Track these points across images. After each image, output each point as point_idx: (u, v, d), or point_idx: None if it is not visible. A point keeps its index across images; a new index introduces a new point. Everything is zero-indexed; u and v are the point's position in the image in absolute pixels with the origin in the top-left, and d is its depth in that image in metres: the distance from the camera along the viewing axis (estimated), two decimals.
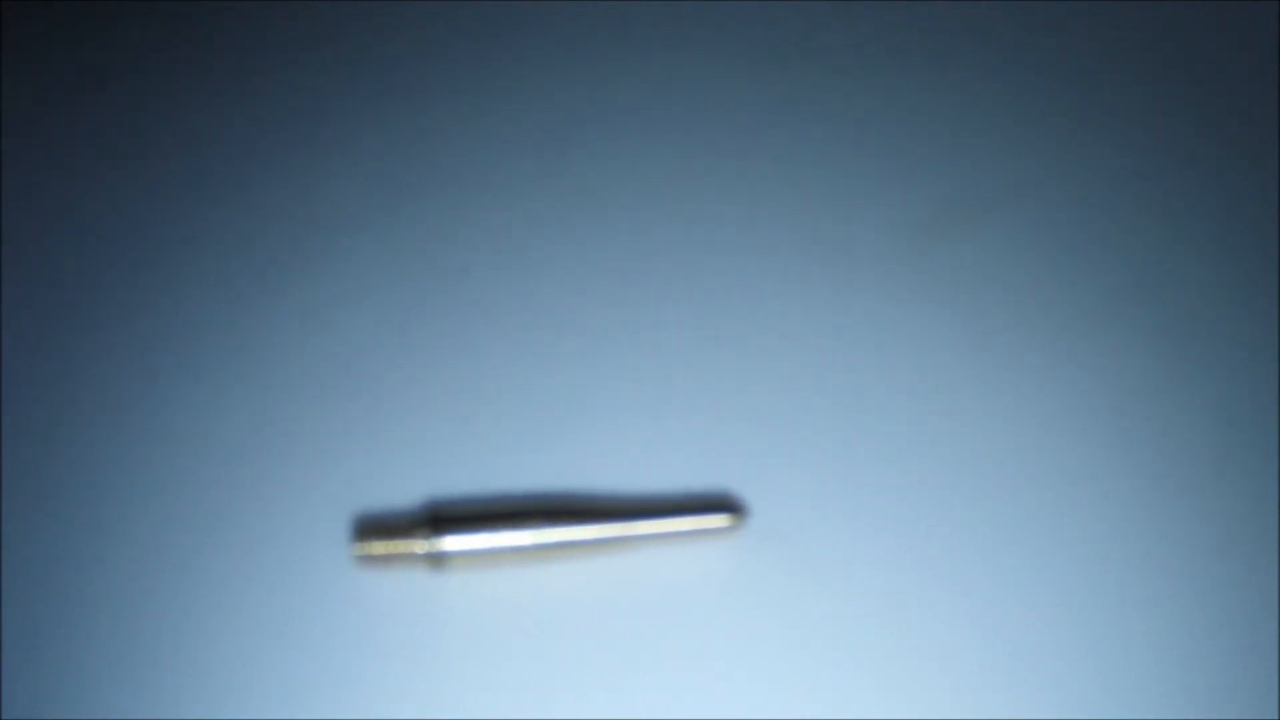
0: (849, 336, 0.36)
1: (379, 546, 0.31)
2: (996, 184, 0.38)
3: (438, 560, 0.31)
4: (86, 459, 0.33)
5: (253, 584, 0.32)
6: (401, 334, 0.35)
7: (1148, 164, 0.39)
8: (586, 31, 0.41)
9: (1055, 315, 0.36)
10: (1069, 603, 0.32)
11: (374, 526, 0.32)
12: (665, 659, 0.31)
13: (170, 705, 0.30)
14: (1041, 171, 0.39)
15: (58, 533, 0.32)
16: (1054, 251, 0.37)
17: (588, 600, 0.32)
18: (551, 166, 0.38)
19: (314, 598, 0.32)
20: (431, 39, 0.41)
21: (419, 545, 0.31)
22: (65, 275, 0.36)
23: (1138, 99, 0.40)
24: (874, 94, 0.40)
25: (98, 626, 0.31)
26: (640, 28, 0.41)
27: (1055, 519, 0.33)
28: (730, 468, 0.33)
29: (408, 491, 0.33)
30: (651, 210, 0.38)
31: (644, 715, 0.30)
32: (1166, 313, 0.36)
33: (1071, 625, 0.32)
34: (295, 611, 0.31)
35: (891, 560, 0.32)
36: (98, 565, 0.32)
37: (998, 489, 0.34)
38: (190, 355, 0.35)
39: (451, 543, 0.31)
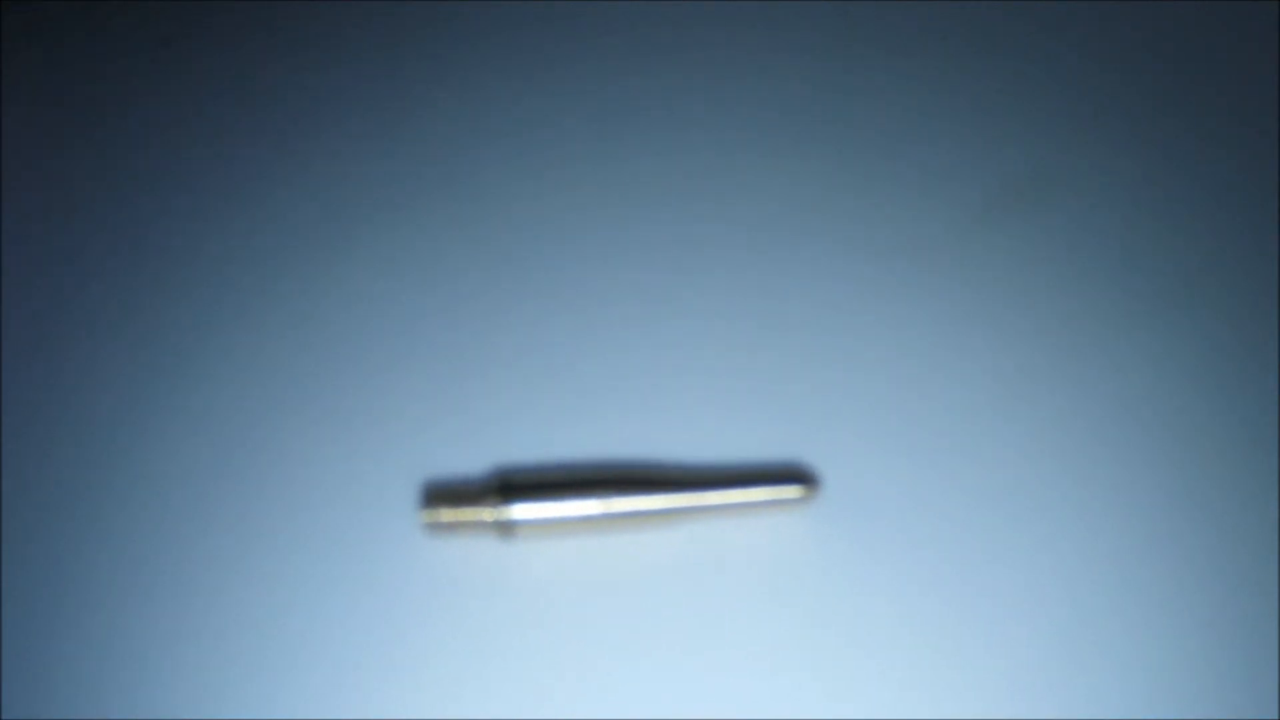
0: (921, 312, 0.35)
1: (448, 514, 0.31)
2: (1058, 168, 0.38)
3: (506, 529, 0.31)
4: (157, 424, 0.34)
5: (322, 550, 0.32)
6: (472, 301, 0.35)
7: (1208, 153, 0.38)
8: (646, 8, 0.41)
9: (1121, 292, 0.35)
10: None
11: (443, 493, 0.32)
12: (734, 632, 0.31)
13: (240, 673, 0.30)
14: (1097, 157, 0.38)
15: (126, 496, 0.33)
16: (1117, 231, 0.36)
17: (656, 571, 0.31)
18: (620, 135, 0.38)
19: (383, 564, 0.32)
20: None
21: (487, 513, 0.31)
22: (126, 236, 0.36)
23: (1198, 92, 0.39)
24: (933, 78, 0.39)
25: (174, 585, 0.31)
26: (693, 11, 0.41)
27: (1128, 507, 0.32)
28: (803, 438, 0.33)
29: (477, 459, 0.33)
30: (726, 183, 0.37)
31: (712, 688, 0.30)
32: (1232, 291, 0.35)
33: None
34: (364, 578, 0.32)
35: (964, 536, 0.32)
36: (176, 523, 0.32)
37: (1073, 465, 0.33)
38: (261, 323, 0.35)
39: (520, 511, 0.31)
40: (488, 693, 0.30)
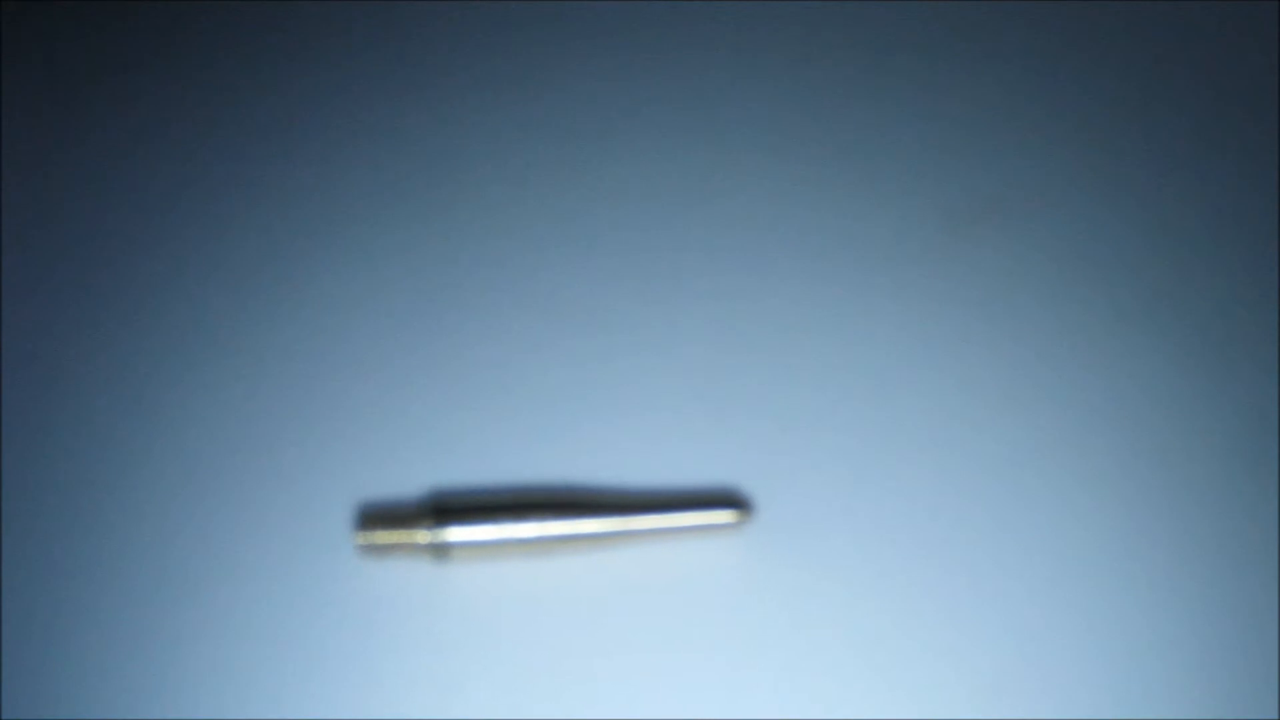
0: (860, 333, 0.35)
1: (382, 536, 0.31)
2: (1014, 183, 0.38)
3: (441, 551, 0.31)
4: (83, 451, 0.33)
5: (254, 573, 0.32)
6: (408, 323, 0.35)
7: (1178, 160, 0.39)
8: (612, 17, 0.41)
9: (1071, 314, 0.36)
10: (1071, 602, 0.32)
11: (378, 516, 0.32)
12: (669, 656, 0.31)
13: (169, 697, 0.30)
14: (1063, 168, 0.38)
15: (53, 526, 0.32)
16: (1072, 251, 0.37)
17: (591, 595, 0.31)
18: (561, 155, 0.38)
19: (316, 587, 0.31)
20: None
21: (422, 536, 0.31)
22: (59, 266, 0.36)
23: (1173, 95, 0.40)
24: (897, 87, 0.40)
25: (94, 620, 0.31)
26: (665, 17, 0.41)
27: (1062, 519, 0.33)
28: (738, 463, 0.33)
29: (412, 481, 0.33)
30: (663, 201, 0.37)
31: (647, 712, 0.30)
32: (1193, 313, 0.36)
33: (1072, 625, 0.31)
34: (297, 601, 0.31)
35: (900, 560, 0.32)
36: (95, 557, 0.32)
37: (1008, 488, 0.33)
38: (192, 344, 0.35)
39: (455, 534, 0.31)
40: (419, 715, 0.30)
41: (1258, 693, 0.31)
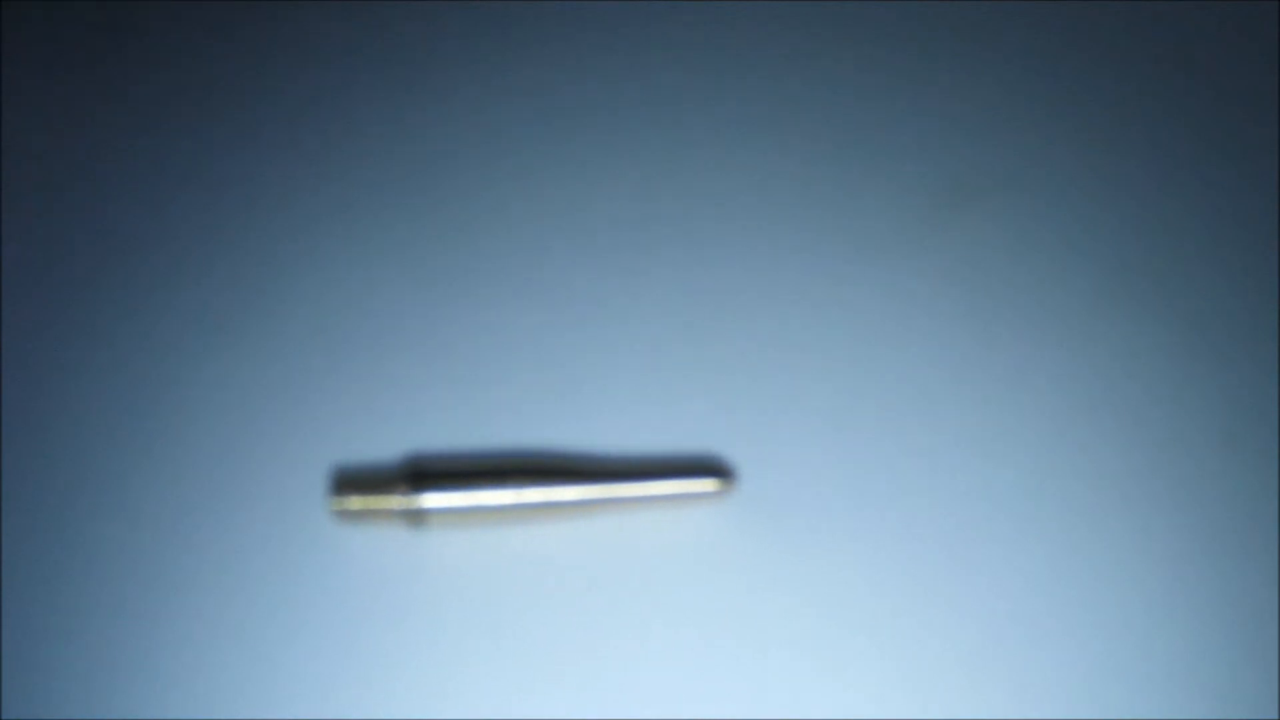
0: (846, 305, 0.35)
1: (357, 501, 0.31)
2: (1003, 165, 0.37)
3: (417, 517, 0.31)
4: (59, 418, 0.33)
5: (227, 536, 0.31)
6: (387, 285, 0.35)
7: (1165, 144, 0.38)
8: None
9: (1057, 295, 0.35)
10: (1063, 594, 0.31)
11: (352, 480, 0.31)
12: (647, 625, 0.30)
13: (143, 660, 0.30)
14: (1051, 151, 0.38)
15: (23, 491, 0.32)
16: (1059, 234, 0.36)
17: (569, 563, 0.31)
18: (542, 122, 0.38)
19: (290, 552, 0.31)
20: None
21: (398, 501, 0.31)
22: (48, 244, 0.35)
23: (1157, 79, 0.39)
24: (885, 68, 0.39)
25: (69, 586, 0.31)
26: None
27: (1049, 501, 0.32)
28: (720, 431, 0.33)
29: (388, 445, 0.32)
30: (647, 171, 0.37)
31: (626, 683, 0.30)
32: (1179, 295, 0.35)
33: (1068, 621, 0.31)
34: (270, 566, 0.31)
35: (883, 530, 0.32)
36: (71, 525, 0.31)
37: (994, 462, 0.33)
38: (168, 309, 0.34)
39: (431, 500, 0.31)
40: (394, 683, 0.30)
41: (1258, 693, 0.30)
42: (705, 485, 0.31)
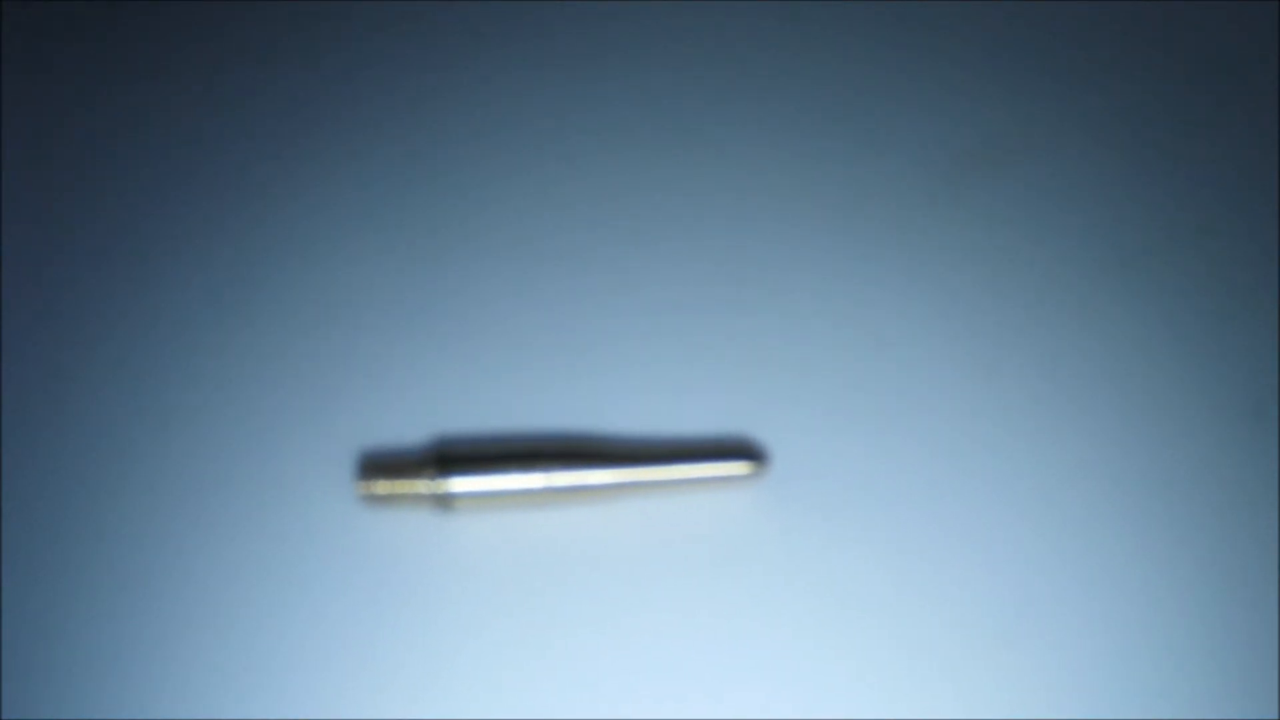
0: (874, 283, 0.34)
1: (384, 485, 0.30)
2: (1020, 132, 0.37)
3: (444, 501, 0.30)
4: (83, 403, 0.32)
5: (254, 521, 0.31)
6: (413, 268, 0.34)
7: (1174, 115, 0.37)
8: None
9: (1079, 263, 0.34)
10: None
11: (379, 464, 0.31)
12: (677, 610, 0.30)
13: (169, 646, 0.30)
14: (1063, 120, 0.37)
15: (53, 477, 0.32)
16: (1079, 199, 0.35)
17: (599, 547, 0.31)
18: (561, 99, 0.37)
19: (317, 536, 0.31)
20: None
21: (425, 485, 0.30)
22: (60, 226, 0.35)
23: (1168, 47, 0.38)
24: (897, 38, 0.38)
25: (97, 569, 0.30)
26: None
27: (1078, 481, 0.32)
28: (752, 413, 0.32)
29: (415, 428, 0.32)
30: (676, 149, 0.36)
31: (653, 668, 0.29)
32: (1192, 262, 0.35)
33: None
34: (297, 550, 0.31)
35: (913, 513, 0.31)
36: (97, 509, 0.31)
37: (1024, 439, 0.32)
38: (193, 292, 0.34)
39: (459, 484, 0.30)
40: (422, 667, 0.29)
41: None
42: (737, 468, 0.31)
